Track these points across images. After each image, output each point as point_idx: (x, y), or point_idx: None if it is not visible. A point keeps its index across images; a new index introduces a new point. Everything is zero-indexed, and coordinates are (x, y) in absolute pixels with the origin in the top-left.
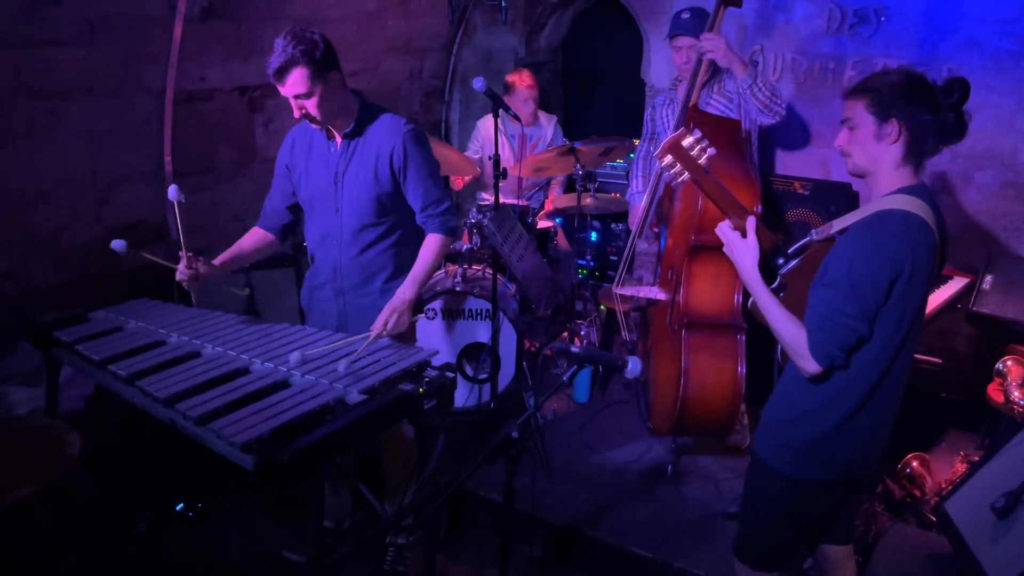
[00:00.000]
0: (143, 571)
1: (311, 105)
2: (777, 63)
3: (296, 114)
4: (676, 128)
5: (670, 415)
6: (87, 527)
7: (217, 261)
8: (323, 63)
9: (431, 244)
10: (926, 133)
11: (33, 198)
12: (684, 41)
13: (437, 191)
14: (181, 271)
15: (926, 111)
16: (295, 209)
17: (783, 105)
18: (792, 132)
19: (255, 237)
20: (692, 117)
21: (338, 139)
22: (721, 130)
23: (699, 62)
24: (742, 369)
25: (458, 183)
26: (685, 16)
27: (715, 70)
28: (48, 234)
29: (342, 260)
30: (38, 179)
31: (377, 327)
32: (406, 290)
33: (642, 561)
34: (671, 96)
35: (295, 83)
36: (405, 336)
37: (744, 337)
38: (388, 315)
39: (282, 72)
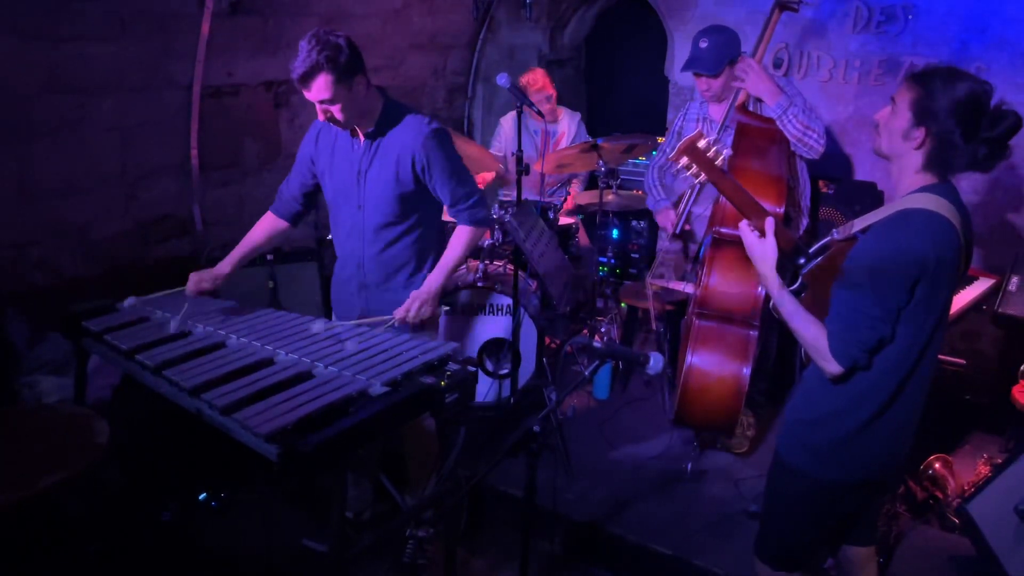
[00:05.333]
0: (168, 559)
1: (336, 110)
2: (801, 61)
3: (321, 118)
4: (722, 127)
5: (675, 404)
6: (114, 515)
7: (226, 267)
8: (348, 68)
9: (460, 235)
10: (953, 154)
11: (64, 191)
12: (701, 78)
13: (465, 187)
14: (189, 291)
15: (960, 135)
16: (310, 198)
17: (819, 140)
18: None
19: (266, 226)
20: (739, 115)
21: (361, 137)
22: (766, 130)
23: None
24: (747, 370)
25: (480, 182)
26: (703, 46)
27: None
28: (78, 226)
29: (365, 256)
30: (69, 172)
31: (400, 313)
32: (434, 280)
33: (662, 558)
34: (703, 113)
35: (319, 89)
36: (428, 329)
37: (756, 334)
38: (413, 303)
39: (306, 78)
